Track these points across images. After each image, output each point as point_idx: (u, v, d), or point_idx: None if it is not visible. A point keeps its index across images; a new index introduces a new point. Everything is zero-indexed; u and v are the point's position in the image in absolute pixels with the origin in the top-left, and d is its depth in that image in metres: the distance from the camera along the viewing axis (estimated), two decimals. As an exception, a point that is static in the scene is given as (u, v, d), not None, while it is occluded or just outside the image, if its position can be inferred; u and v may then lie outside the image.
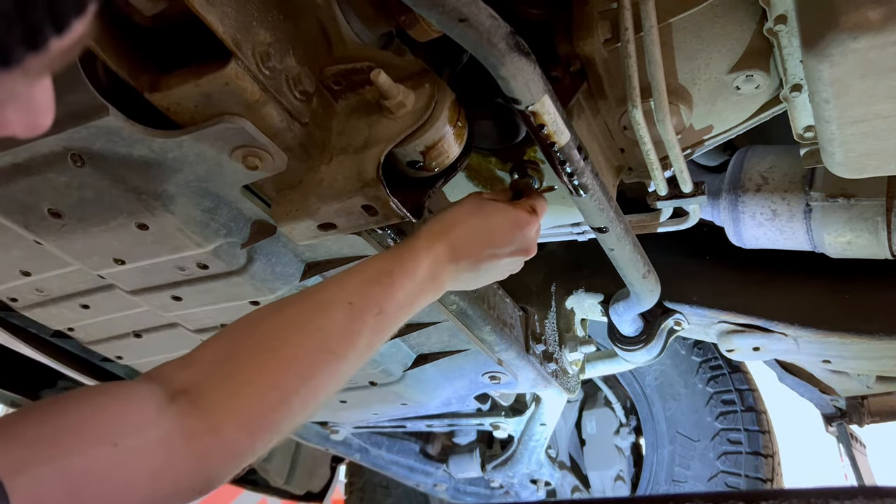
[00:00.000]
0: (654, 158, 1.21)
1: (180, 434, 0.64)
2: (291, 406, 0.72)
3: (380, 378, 1.57)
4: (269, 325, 0.78)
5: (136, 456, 0.60)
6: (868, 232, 1.37)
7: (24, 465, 0.53)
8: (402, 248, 0.91)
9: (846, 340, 1.56)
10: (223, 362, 0.71)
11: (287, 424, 0.73)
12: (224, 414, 0.67)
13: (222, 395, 0.68)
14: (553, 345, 1.75)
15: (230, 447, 0.67)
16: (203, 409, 0.66)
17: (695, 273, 1.77)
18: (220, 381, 0.69)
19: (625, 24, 1.05)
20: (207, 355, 0.73)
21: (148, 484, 0.60)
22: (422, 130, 0.91)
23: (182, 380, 0.68)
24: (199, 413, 0.66)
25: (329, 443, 2.26)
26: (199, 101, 0.83)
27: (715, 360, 2.45)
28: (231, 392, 0.69)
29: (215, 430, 0.66)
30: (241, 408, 0.68)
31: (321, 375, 0.76)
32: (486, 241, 0.97)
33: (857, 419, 2.10)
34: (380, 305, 0.83)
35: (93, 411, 0.60)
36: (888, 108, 0.93)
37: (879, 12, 0.82)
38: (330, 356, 0.77)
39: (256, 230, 1.10)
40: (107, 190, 0.96)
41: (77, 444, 0.56)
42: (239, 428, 0.68)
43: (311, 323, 0.78)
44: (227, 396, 0.68)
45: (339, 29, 0.94)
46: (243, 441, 0.68)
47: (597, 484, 2.73)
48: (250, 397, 0.69)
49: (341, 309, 0.80)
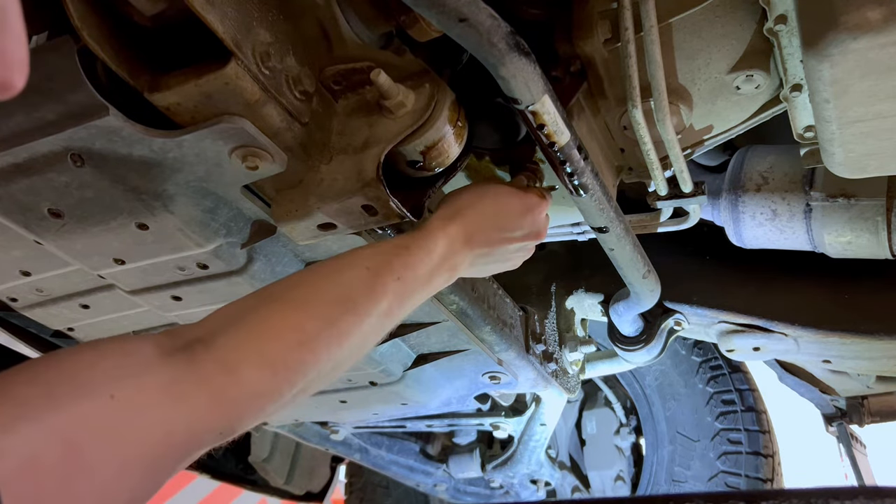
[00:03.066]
0: (654, 158, 1.21)
1: (192, 378, 0.60)
2: (316, 349, 0.69)
3: (380, 378, 1.57)
4: (286, 282, 0.76)
5: (137, 406, 0.56)
6: (868, 232, 1.37)
7: (15, 423, 0.50)
8: (415, 230, 0.91)
9: (846, 340, 1.56)
10: (238, 313, 0.69)
11: (315, 369, 0.70)
12: (241, 353, 0.64)
13: (237, 338, 0.65)
14: (553, 345, 1.75)
15: (249, 386, 0.64)
16: (216, 352, 0.63)
17: (695, 273, 1.77)
18: (234, 327, 0.66)
19: (625, 23, 1.05)
20: (220, 313, 0.70)
21: (157, 434, 0.57)
22: (422, 130, 0.91)
23: (192, 333, 0.66)
24: (211, 356, 0.62)
25: (329, 443, 2.26)
26: (199, 101, 0.83)
27: (715, 360, 2.45)
28: (247, 334, 0.65)
29: (231, 370, 0.63)
30: (259, 347, 0.65)
31: (344, 322, 0.73)
32: (500, 223, 0.96)
33: (857, 419, 2.10)
34: (399, 273, 0.81)
35: (87, 364, 0.57)
36: (888, 108, 0.93)
37: (879, 12, 0.82)
38: (352, 305, 0.74)
39: (256, 230, 1.10)
40: (107, 190, 0.96)
41: (70, 398, 0.53)
42: (257, 366, 0.64)
43: (329, 278, 0.76)
44: (243, 339, 0.65)
45: (339, 29, 0.94)
46: (265, 379, 0.65)
47: (597, 484, 2.73)
48: (268, 337, 0.66)
49: (360, 272, 0.78)
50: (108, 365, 0.58)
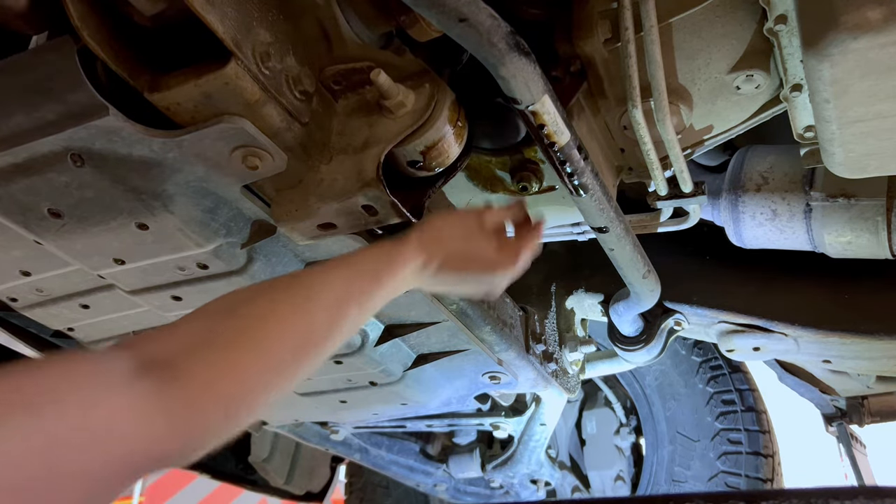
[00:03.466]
0: (654, 158, 1.21)
1: (157, 406, 0.64)
2: (268, 392, 0.76)
3: (380, 378, 1.57)
4: (253, 311, 0.79)
5: (104, 423, 0.59)
6: (868, 232, 1.37)
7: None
8: (391, 249, 0.92)
9: (846, 340, 1.56)
10: (204, 342, 0.73)
11: (260, 408, 0.77)
12: (206, 392, 0.69)
13: (203, 374, 0.70)
14: (553, 345, 1.75)
15: (210, 424, 0.69)
16: (182, 386, 0.67)
17: (695, 273, 1.77)
18: (200, 360, 0.71)
19: (625, 23, 1.05)
20: (185, 331, 0.74)
21: (118, 452, 0.60)
22: (422, 130, 0.91)
23: (157, 351, 0.69)
24: (177, 389, 0.67)
25: (329, 443, 2.26)
26: (199, 101, 0.83)
27: (715, 360, 2.45)
28: (212, 372, 0.70)
29: (195, 407, 0.67)
30: (223, 389, 0.71)
31: (300, 367, 0.79)
32: (464, 266, 0.98)
33: (857, 419, 2.10)
34: (362, 303, 0.85)
35: (58, 376, 0.60)
36: (888, 108, 0.93)
37: (879, 12, 0.82)
38: (313, 348, 0.80)
39: (256, 230, 1.10)
40: (107, 190, 0.96)
41: (37, 408, 0.55)
42: (221, 408, 0.70)
43: (294, 315, 0.80)
44: (208, 378, 0.70)
45: (339, 29, 0.94)
46: (225, 420, 0.71)
47: (597, 484, 2.73)
48: (232, 379, 0.72)
49: (328, 304, 0.82)
50: (79, 380, 0.61)
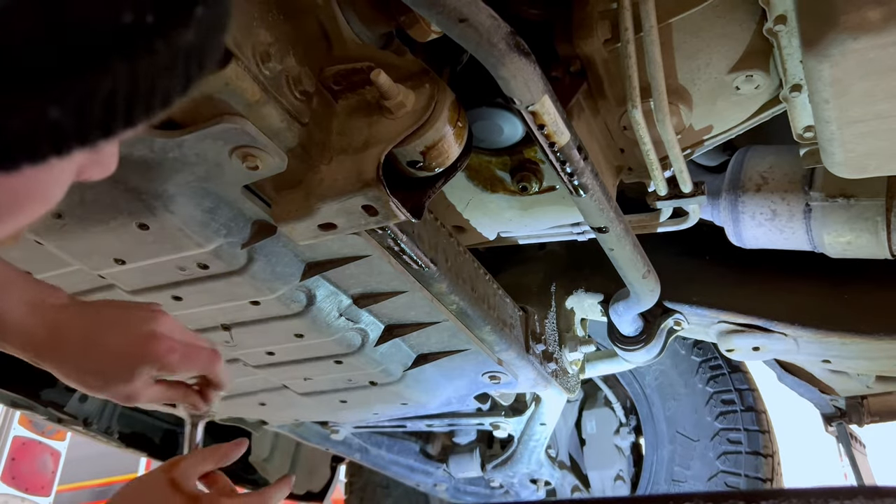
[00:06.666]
0: (654, 158, 1.21)
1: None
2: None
3: (380, 378, 1.57)
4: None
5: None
6: (868, 232, 1.37)
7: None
8: None
9: (846, 340, 1.56)
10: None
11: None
12: None
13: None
14: (553, 345, 1.75)
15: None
16: None
17: (695, 273, 1.77)
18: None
19: (625, 24, 1.05)
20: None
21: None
22: (422, 130, 0.91)
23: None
24: None
25: (329, 442, 2.26)
26: (200, 102, 0.83)
27: (715, 360, 2.45)
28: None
29: None
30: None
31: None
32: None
33: (857, 419, 2.10)
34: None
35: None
36: (888, 108, 0.93)
37: (879, 12, 0.82)
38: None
39: (257, 230, 1.10)
40: (107, 190, 0.96)
41: None
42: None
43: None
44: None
45: (339, 29, 0.94)
46: None
47: (597, 484, 2.73)
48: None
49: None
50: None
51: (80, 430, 2.20)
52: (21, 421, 5.16)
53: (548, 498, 2.53)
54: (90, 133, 0.36)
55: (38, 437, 5.32)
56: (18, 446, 5.18)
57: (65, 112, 0.34)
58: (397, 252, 1.16)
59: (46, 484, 5.34)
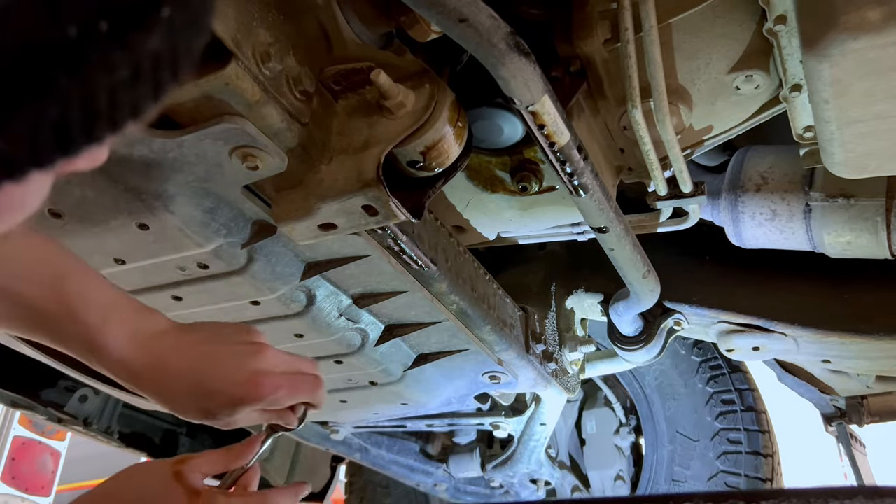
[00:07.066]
0: (654, 158, 1.21)
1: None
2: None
3: (380, 378, 1.57)
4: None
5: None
6: (868, 232, 1.37)
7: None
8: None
9: (846, 340, 1.56)
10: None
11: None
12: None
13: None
14: (553, 345, 1.75)
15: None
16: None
17: (695, 273, 1.77)
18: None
19: (625, 24, 1.05)
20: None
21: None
22: (422, 130, 0.91)
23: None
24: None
25: (329, 442, 2.26)
26: (199, 102, 0.83)
27: (715, 360, 2.45)
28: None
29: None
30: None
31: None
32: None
33: (857, 419, 2.10)
34: None
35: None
36: (888, 108, 0.93)
37: (879, 12, 0.82)
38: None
39: (257, 230, 1.10)
40: (107, 190, 0.96)
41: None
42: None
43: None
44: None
45: (339, 29, 0.94)
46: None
47: (597, 484, 2.73)
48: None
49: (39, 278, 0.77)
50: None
51: (80, 430, 2.20)
52: (21, 421, 5.16)
53: (548, 498, 2.53)
54: (45, 158, 0.34)
55: (38, 438, 5.32)
56: (18, 446, 5.18)
57: (10, 143, 0.31)
58: (397, 252, 1.16)
59: (46, 484, 5.34)
